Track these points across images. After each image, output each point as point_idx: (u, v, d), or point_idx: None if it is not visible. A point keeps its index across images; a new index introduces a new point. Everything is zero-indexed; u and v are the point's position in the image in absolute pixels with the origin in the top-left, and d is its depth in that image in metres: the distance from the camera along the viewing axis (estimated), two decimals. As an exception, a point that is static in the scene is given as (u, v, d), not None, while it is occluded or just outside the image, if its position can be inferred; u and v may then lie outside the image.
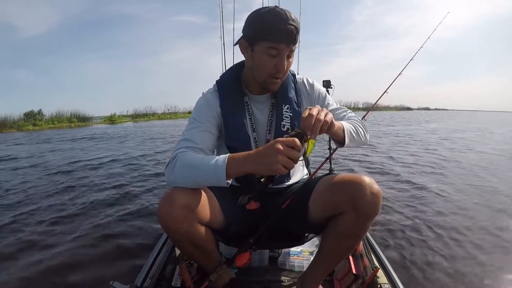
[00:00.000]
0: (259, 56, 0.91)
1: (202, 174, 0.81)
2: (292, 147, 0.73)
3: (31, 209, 2.66)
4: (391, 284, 1.05)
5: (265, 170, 0.76)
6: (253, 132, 1.02)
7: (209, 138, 0.95)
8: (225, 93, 1.02)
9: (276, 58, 0.90)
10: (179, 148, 0.89)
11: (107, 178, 3.83)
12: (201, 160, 0.82)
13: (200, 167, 0.81)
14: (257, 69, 0.95)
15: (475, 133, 10.18)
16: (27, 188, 3.46)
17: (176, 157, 0.86)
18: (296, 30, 0.87)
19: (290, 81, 1.06)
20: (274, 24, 0.86)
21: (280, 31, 0.86)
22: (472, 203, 2.66)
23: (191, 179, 0.82)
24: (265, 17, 0.88)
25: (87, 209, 2.65)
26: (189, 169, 0.82)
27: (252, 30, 0.91)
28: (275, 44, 0.87)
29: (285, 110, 1.02)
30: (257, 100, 1.04)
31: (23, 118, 18.78)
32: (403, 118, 22.98)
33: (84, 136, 10.79)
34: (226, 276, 1.03)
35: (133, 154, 5.89)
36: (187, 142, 0.91)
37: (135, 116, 26.85)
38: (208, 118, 0.98)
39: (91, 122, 21.78)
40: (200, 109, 1.00)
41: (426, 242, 1.92)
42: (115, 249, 1.89)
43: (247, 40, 0.93)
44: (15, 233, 2.16)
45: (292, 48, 0.90)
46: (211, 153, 0.96)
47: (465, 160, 4.76)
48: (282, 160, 0.72)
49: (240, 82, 1.04)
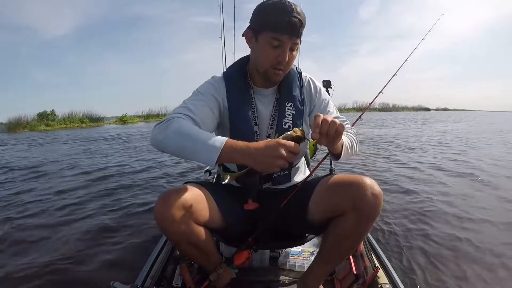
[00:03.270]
0: (262, 46, 0.93)
1: (193, 147, 0.78)
2: (293, 153, 0.75)
3: (31, 209, 2.66)
4: (392, 284, 1.05)
5: (261, 168, 0.77)
6: (255, 126, 1.03)
7: (208, 116, 0.94)
8: (232, 85, 1.02)
9: (278, 49, 0.91)
10: (177, 113, 0.87)
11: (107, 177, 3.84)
12: (197, 133, 0.80)
13: (194, 139, 0.78)
14: (259, 60, 0.96)
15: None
16: (28, 189, 3.46)
17: (171, 119, 0.83)
18: (300, 23, 0.88)
19: (296, 79, 1.06)
20: (278, 15, 0.87)
21: (284, 23, 0.87)
22: (478, 200, 2.66)
23: (180, 147, 0.79)
24: (270, 8, 0.89)
25: (87, 208, 2.65)
26: (181, 136, 0.79)
27: (257, 21, 0.92)
28: (278, 35, 0.88)
29: (288, 107, 1.03)
30: (261, 93, 1.05)
31: (37, 118, 19.08)
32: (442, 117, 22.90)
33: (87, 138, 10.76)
34: (226, 276, 1.03)
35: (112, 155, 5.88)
36: (186, 111, 0.89)
37: (147, 116, 26.93)
38: (213, 97, 0.98)
39: (103, 123, 21.92)
40: (207, 87, 1.00)
41: (426, 242, 1.92)
42: (115, 249, 1.89)
43: (252, 30, 0.94)
44: (15, 232, 2.16)
45: (295, 41, 0.91)
46: (207, 127, 0.93)
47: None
48: (281, 164, 0.75)
49: (246, 75, 1.05)
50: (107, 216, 2.46)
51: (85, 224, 2.28)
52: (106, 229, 2.18)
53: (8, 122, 17.62)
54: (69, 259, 1.76)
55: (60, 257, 1.78)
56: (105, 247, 1.92)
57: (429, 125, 14.33)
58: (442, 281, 1.51)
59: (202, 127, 0.88)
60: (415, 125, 14.25)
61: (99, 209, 2.63)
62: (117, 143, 8.17)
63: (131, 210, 2.57)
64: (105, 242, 1.99)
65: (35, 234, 2.12)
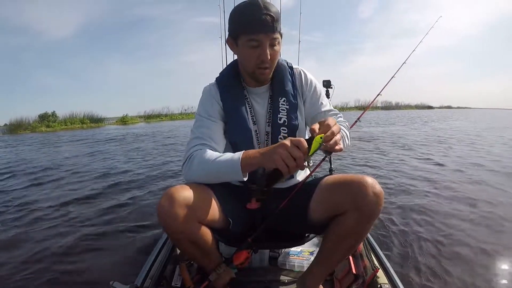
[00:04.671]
0: (242, 50, 0.95)
1: (219, 170, 0.87)
2: (297, 146, 0.75)
3: (29, 208, 2.66)
4: (391, 284, 1.05)
5: (267, 161, 0.80)
6: (254, 125, 1.04)
7: (217, 131, 1.00)
8: (225, 88, 1.04)
9: (258, 49, 0.92)
10: (193, 146, 0.95)
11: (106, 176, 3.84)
12: (217, 158, 0.88)
13: (216, 165, 0.87)
14: (244, 63, 0.99)
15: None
16: (27, 188, 3.47)
17: (191, 156, 0.92)
18: (272, 18, 0.89)
19: (287, 73, 1.07)
20: (249, 16, 0.89)
21: (256, 22, 0.88)
22: (482, 200, 2.66)
23: (210, 175, 0.89)
24: (241, 11, 0.92)
25: (86, 209, 2.65)
26: (206, 166, 0.88)
27: (233, 27, 0.95)
28: (253, 35, 0.90)
29: (282, 102, 1.04)
30: (255, 92, 1.06)
31: (38, 119, 19.26)
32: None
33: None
34: (226, 276, 1.03)
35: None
36: (198, 140, 0.96)
37: (147, 117, 27.00)
38: (213, 111, 1.02)
39: (104, 123, 22.02)
40: (204, 104, 1.04)
41: (426, 242, 1.92)
42: (115, 249, 1.89)
43: (231, 37, 0.97)
44: (15, 231, 2.16)
45: (272, 36, 0.91)
46: (222, 144, 1.01)
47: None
48: (283, 153, 0.75)
49: (238, 76, 1.06)
50: (107, 216, 2.46)
51: (84, 224, 2.28)
52: (106, 229, 2.19)
53: (9, 123, 17.79)
54: (69, 259, 1.76)
55: (60, 257, 1.78)
56: (105, 247, 1.92)
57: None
58: (442, 281, 1.51)
59: (217, 147, 0.96)
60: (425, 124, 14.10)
61: (99, 209, 2.63)
62: (114, 144, 8.17)
63: (131, 210, 2.58)
64: (104, 242, 1.99)
65: (34, 234, 2.13)
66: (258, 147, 1.04)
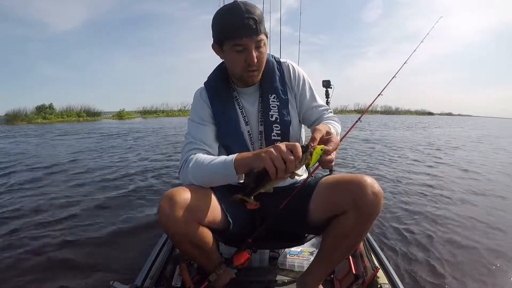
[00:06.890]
0: (228, 55, 0.94)
1: (214, 173, 0.87)
2: (291, 150, 0.75)
3: (29, 207, 2.66)
4: (391, 284, 1.05)
5: (256, 159, 0.79)
6: (246, 125, 1.04)
7: (210, 134, 1.00)
8: (213, 92, 1.04)
9: (244, 53, 0.91)
10: (187, 151, 0.96)
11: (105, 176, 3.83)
12: (210, 161, 0.89)
13: (210, 167, 0.87)
14: (231, 68, 0.99)
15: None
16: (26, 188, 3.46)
17: (187, 161, 0.93)
18: (255, 21, 0.87)
19: (275, 69, 1.06)
20: (231, 21, 0.88)
21: (239, 27, 0.87)
22: (478, 204, 2.66)
23: (205, 178, 0.90)
24: (223, 17, 0.91)
25: (86, 208, 2.64)
26: (201, 170, 0.89)
27: (216, 33, 0.94)
28: (237, 40, 0.89)
29: (272, 100, 1.03)
30: (245, 92, 1.05)
31: (35, 111, 19.33)
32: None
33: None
34: (226, 276, 1.03)
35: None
36: (192, 145, 0.97)
37: (144, 112, 27.02)
38: (204, 114, 1.02)
39: (100, 117, 22.04)
40: (195, 109, 1.05)
41: (426, 242, 1.92)
42: (115, 249, 1.89)
43: (216, 42, 0.96)
44: (16, 231, 2.16)
45: (257, 39, 0.90)
46: (216, 147, 1.02)
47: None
48: (273, 153, 0.74)
49: (227, 78, 1.06)
50: (107, 215, 2.46)
51: (84, 224, 2.28)
52: (106, 229, 2.18)
53: (6, 114, 17.88)
54: (69, 259, 1.76)
55: (60, 257, 1.78)
56: (105, 247, 1.92)
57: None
58: (442, 281, 1.51)
59: (211, 150, 0.98)
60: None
61: (99, 209, 2.63)
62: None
63: (131, 210, 2.57)
64: (104, 242, 1.99)
65: (31, 233, 2.12)
66: (252, 148, 1.03)
